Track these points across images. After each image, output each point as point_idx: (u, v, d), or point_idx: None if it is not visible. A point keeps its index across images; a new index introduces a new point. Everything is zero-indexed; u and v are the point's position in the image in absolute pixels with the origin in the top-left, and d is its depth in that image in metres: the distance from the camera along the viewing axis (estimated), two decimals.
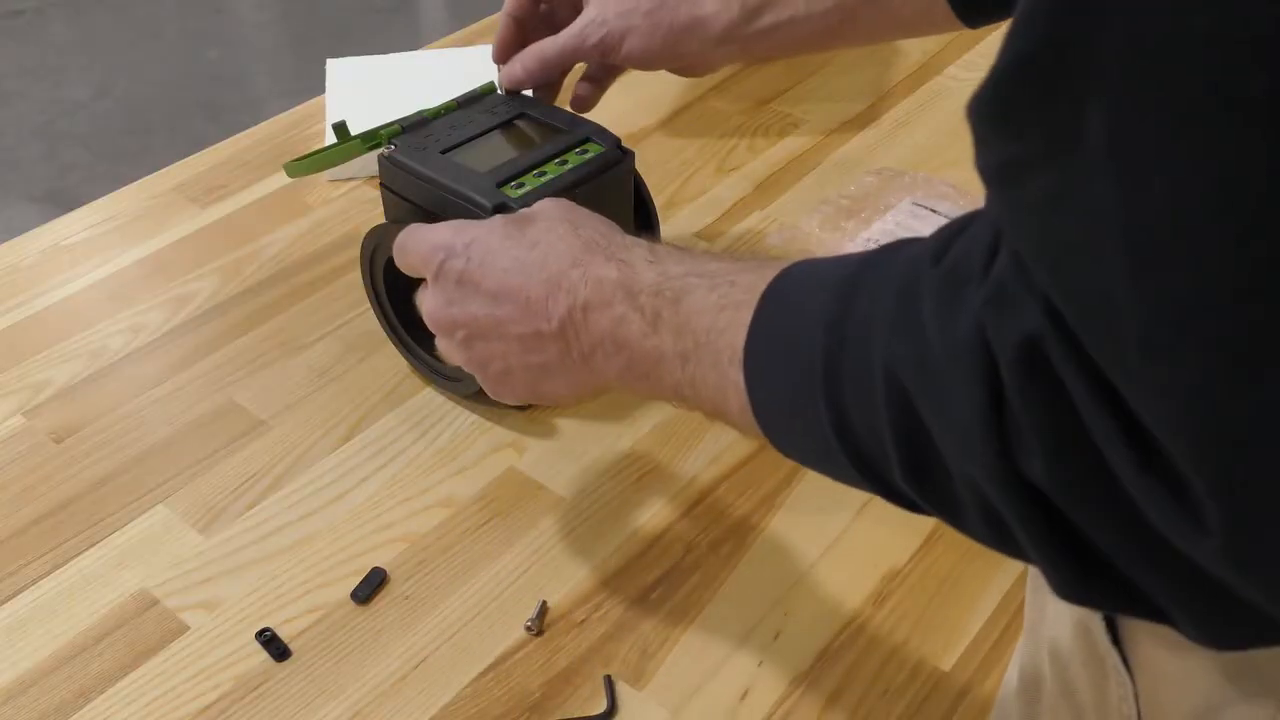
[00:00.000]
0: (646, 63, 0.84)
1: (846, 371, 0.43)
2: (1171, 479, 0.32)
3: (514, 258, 0.59)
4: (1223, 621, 0.35)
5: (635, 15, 0.81)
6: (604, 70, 0.88)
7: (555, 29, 0.85)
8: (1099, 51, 0.30)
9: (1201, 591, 0.34)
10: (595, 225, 0.59)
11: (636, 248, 0.57)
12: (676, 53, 0.84)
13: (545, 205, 0.62)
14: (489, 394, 0.64)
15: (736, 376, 0.49)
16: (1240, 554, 0.32)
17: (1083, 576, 0.37)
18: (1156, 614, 0.36)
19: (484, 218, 0.71)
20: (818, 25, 0.81)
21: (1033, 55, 0.32)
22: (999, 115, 0.34)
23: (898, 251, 0.44)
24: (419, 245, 0.63)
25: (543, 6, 0.86)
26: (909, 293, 0.40)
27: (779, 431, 0.49)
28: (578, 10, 0.85)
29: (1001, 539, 0.39)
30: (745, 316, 0.49)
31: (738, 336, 0.49)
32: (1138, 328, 0.31)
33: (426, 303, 0.63)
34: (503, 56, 0.85)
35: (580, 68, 0.87)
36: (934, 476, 0.40)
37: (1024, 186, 0.34)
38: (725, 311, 0.50)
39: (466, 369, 0.63)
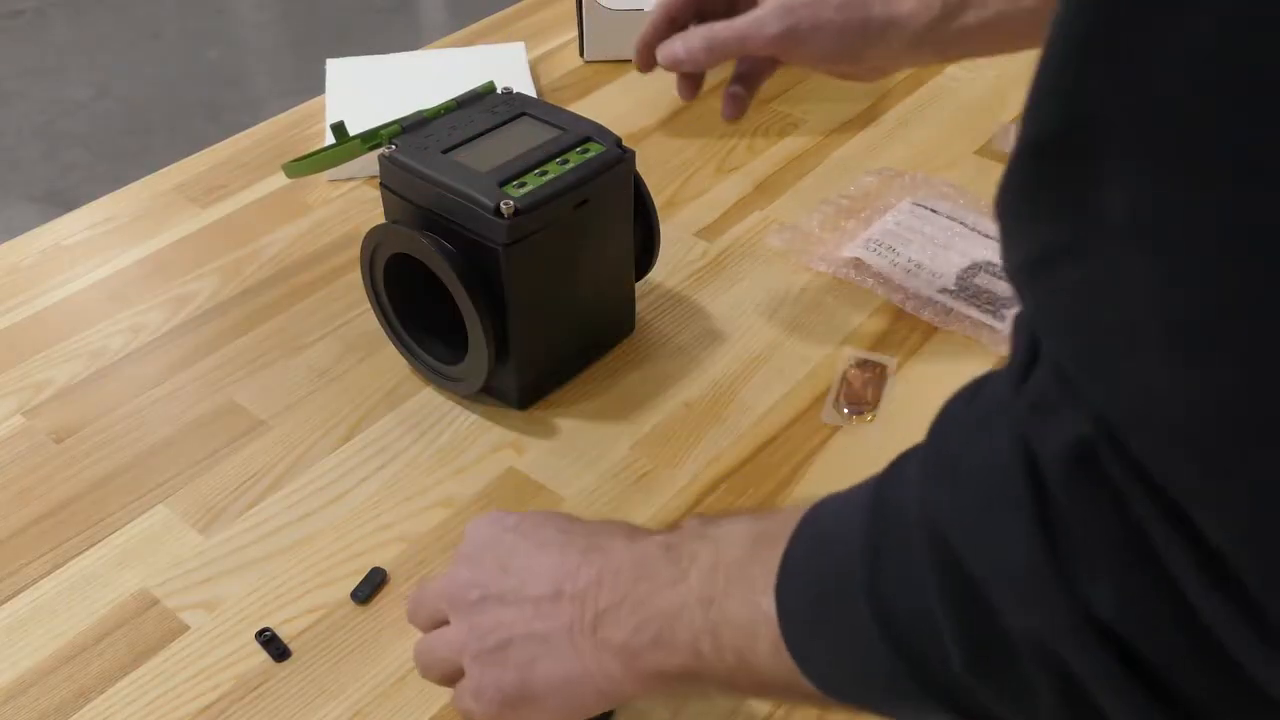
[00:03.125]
0: (822, 62, 0.77)
1: (886, 550, 0.38)
2: (1244, 596, 0.28)
3: (562, 528, 0.56)
4: None
5: (826, 8, 0.74)
6: (757, 68, 0.83)
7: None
8: (1114, 128, 0.27)
9: None
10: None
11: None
12: (861, 55, 0.76)
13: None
14: (463, 695, 0.57)
15: (769, 606, 0.44)
16: None
17: None
18: None
19: (486, 216, 0.72)
20: (1022, 24, 0.73)
21: (1047, 138, 0.30)
22: (1021, 205, 0.32)
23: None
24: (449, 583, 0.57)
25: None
26: (940, 437, 0.37)
27: (813, 656, 0.44)
28: (732, 8, 0.80)
29: None
30: (780, 546, 0.45)
31: (772, 564, 0.45)
32: (1184, 425, 0.27)
33: (447, 583, 0.57)
34: (644, 53, 0.81)
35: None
36: (998, 655, 0.35)
37: (1054, 279, 0.31)
38: (759, 543, 0.47)
39: (453, 646, 0.56)
